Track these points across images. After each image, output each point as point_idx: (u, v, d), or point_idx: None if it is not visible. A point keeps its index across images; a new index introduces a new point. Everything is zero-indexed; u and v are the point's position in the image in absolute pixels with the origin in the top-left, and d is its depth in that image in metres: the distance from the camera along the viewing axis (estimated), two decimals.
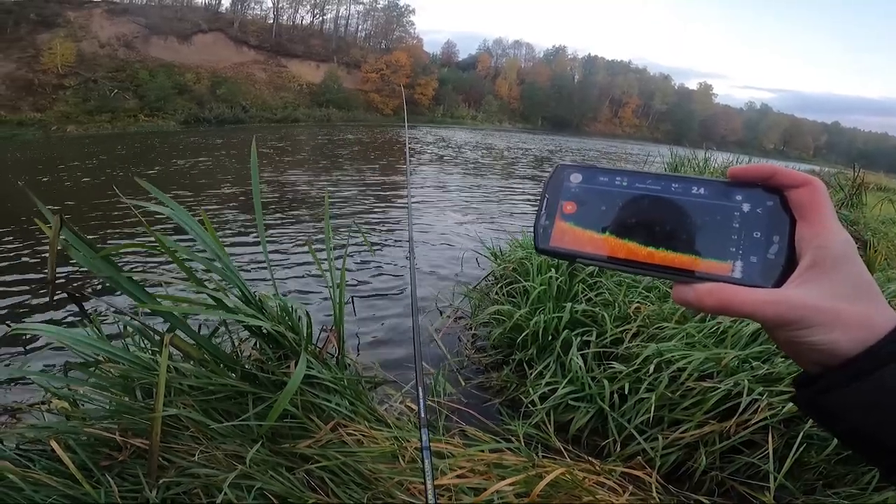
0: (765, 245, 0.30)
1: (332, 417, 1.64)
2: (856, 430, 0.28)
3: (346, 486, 1.40)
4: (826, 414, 0.30)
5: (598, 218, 0.34)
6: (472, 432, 1.80)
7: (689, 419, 1.71)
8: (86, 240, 1.45)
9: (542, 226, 0.35)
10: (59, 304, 3.42)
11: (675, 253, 0.31)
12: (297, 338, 1.67)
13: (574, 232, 0.34)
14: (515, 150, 21.15)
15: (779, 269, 0.29)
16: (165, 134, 24.38)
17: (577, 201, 0.35)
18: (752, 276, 0.29)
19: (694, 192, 0.32)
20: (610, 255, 0.33)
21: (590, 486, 1.41)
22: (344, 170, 11.60)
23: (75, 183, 9.57)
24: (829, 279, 0.28)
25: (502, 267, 3.40)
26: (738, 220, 0.31)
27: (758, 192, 0.31)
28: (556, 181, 0.36)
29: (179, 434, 1.46)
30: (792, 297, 0.28)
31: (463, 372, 2.47)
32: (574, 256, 0.34)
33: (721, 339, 1.97)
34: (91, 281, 3.78)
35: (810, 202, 0.29)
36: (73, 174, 10.61)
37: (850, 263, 0.28)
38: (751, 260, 0.30)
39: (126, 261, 4.24)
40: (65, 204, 6.99)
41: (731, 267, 0.30)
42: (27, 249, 4.93)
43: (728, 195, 0.31)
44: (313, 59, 47.58)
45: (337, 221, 6.12)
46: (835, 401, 0.28)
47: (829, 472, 1.53)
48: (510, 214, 7.22)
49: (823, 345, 0.27)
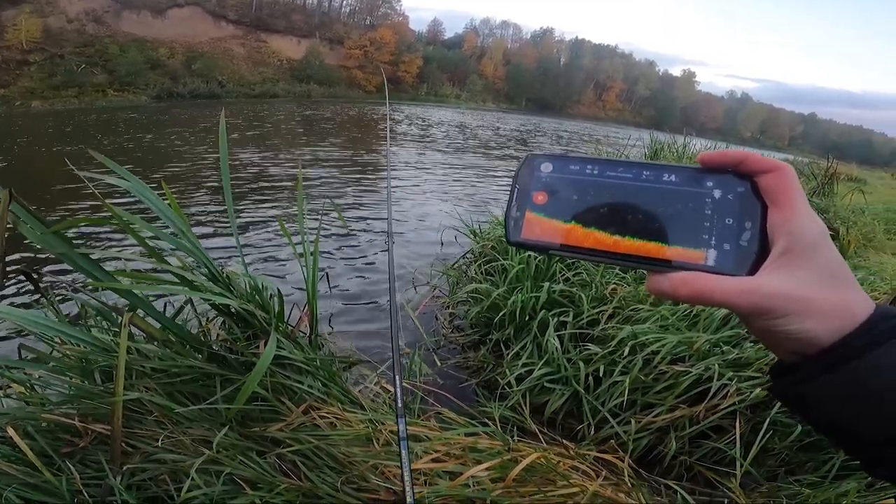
0: (737, 232, 0.29)
1: (304, 400, 1.60)
2: (832, 422, 0.28)
3: (319, 470, 1.38)
4: (802, 405, 0.29)
5: (569, 208, 0.33)
6: (447, 415, 1.79)
7: (660, 403, 1.73)
8: (35, 214, 1.36)
9: (514, 217, 0.34)
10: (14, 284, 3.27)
11: (648, 242, 0.31)
12: (267, 317, 1.62)
13: (546, 223, 0.33)
14: (497, 129, 21.03)
15: (752, 257, 0.29)
16: (135, 108, 23.52)
17: (549, 191, 0.34)
18: (726, 264, 0.29)
19: (665, 180, 0.31)
20: (583, 247, 0.32)
21: (564, 470, 1.41)
22: (321, 147, 11.35)
23: (34, 158, 9.15)
24: (802, 266, 0.27)
25: (481, 245, 3.37)
26: (710, 207, 0.30)
27: (728, 177, 0.30)
28: (527, 171, 0.35)
29: (143, 419, 1.41)
30: (764, 286, 0.27)
31: (440, 352, 2.46)
32: (546, 248, 0.33)
33: (694, 323, 1.99)
34: (49, 260, 3.62)
35: (780, 187, 0.29)
36: (33, 149, 10.14)
37: (823, 249, 0.28)
38: (724, 248, 0.29)
39: (90, 240, 4.07)
40: (22, 180, 6.69)
41: (704, 255, 0.29)
42: None
43: (699, 182, 0.31)
44: (295, 35, 46.21)
45: (313, 199, 5.99)
46: (810, 392, 0.28)
47: (792, 458, 1.56)
48: (490, 193, 7.21)
49: (799, 333, 0.27)
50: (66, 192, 6.13)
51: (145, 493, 1.29)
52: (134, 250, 3.72)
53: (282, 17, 46.24)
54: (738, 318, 0.30)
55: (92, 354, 1.46)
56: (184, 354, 1.48)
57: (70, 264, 1.38)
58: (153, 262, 1.48)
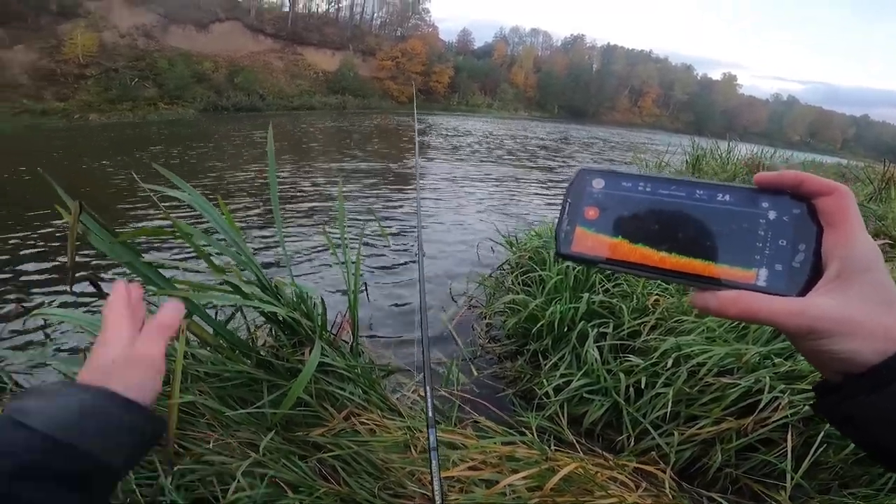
0: (790, 253, 0.29)
1: (345, 406, 1.64)
2: (874, 441, 0.28)
3: (357, 475, 1.40)
4: (845, 423, 0.29)
5: (620, 224, 0.33)
6: (484, 423, 1.79)
7: (706, 415, 1.68)
8: (104, 225, 1.46)
9: (564, 231, 0.35)
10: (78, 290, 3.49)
11: (698, 260, 0.31)
12: (311, 325, 1.67)
13: (595, 238, 0.34)
14: (528, 139, 20.91)
15: (804, 278, 0.29)
16: (184, 122, 24.71)
17: (599, 207, 0.34)
18: (777, 284, 0.29)
19: (719, 199, 0.32)
20: (632, 262, 0.33)
21: (602, 480, 1.39)
22: (358, 158, 11.61)
23: (96, 170, 9.76)
24: (853, 289, 0.27)
25: (518, 255, 3.36)
26: (764, 228, 0.30)
27: (785, 199, 0.30)
28: (579, 186, 0.35)
29: (195, 421, 1.47)
30: (812, 307, 0.28)
31: (476, 362, 2.46)
32: (595, 262, 0.34)
33: (742, 335, 1.92)
34: (110, 267, 3.85)
35: (837, 210, 0.29)
36: (95, 161, 10.81)
37: (876, 273, 0.28)
38: (775, 268, 0.29)
39: (143, 247, 4.30)
40: (84, 190, 7.13)
41: (755, 275, 0.30)
42: (48, 235, 5.04)
43: (754, 202, 0.31)
44: (329, 47, 47.53)
45: (351, 210, 6.13)
46: (853, 411, 0.28)
47: (846, 472, 1.49)
48: (525, 203, 7.15)
49: (843, 354, 0.27)
50: (121, 200, 6.52)
51: (193, 493, 1.33)
52: (184, 255, 3.93)
53: (316, 31, 47.69)
54: (787, 337, 0.30)
55: None
56: (234, 360, 1.54)
57: (134, 272, 1.48)
58: (206, 271, 1.55)
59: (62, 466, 0.35)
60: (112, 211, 6.00)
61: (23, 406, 0.37)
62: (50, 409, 0.37)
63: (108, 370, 0.43)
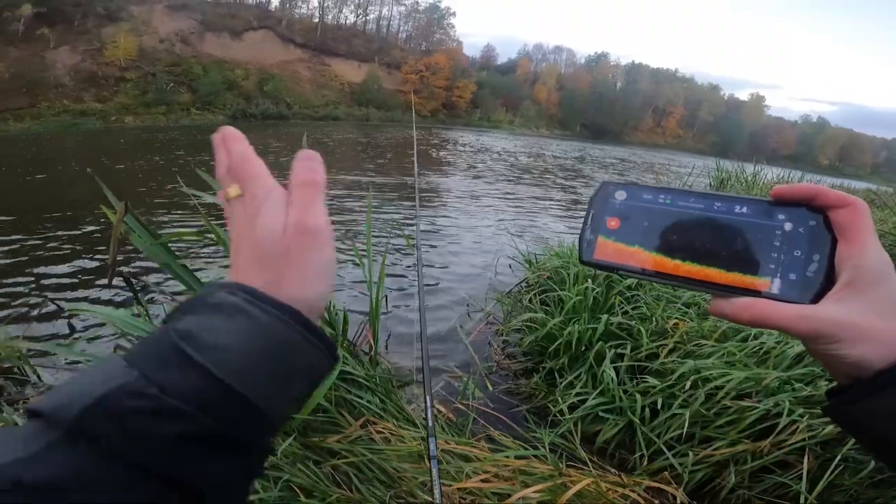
0: (804, 263, 0.31)
1: (362, 414, 1.68)
2: (882, 439, 0.29)
3: (370, 482, 1.42)
4: (854, 424, 0.31)
5: (640, 234, 0.35)
6: (498, 437, 1.80)
7: (721, 437, 1.67)
8: (146, 226, 1.55)
9: (587, 240, 0.37)
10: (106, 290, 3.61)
11: (715, 269, 0.33)
12: (334, 333, 1.72)
13: (617, 247, 0.36)
14: (548, 156, 20.92)
15: (816, 287, 0.30)
16: (215, 127, 25.29)
17: (621, 217, 0.36)
18: (790, 292, 0.31)
19: (737, 211, 0.33)
20: (651, 269, 0.35)
21: (614, 498, 1.39)
22: (381, 170, 11.79)
23: (131, 171, 10.14)
24: (863, 297, 0.29)
25: (537, 274, 3.38)
26: (780, 239, 0.32)
27: (801, 211, 0.32)
28: (602, 197, 0.38)
29: None
30: (821, 313, 0.29)
31: (491, 377, 2.48)
32: (616, 269, 0.36)
33: (763, 360, 1.90)
34: (136, 266, 3.98)
35: (852, 222, 0.30)
36: (131, 162, 11.23)
37: (886, 283, 0.29)
38: (789, 277, 0.31)
39: (178, 247, 4.44)
40: (120, 190, 7.38)
41: (769, 283, 0.31)
42: (79, 234, 5.24)
43: (770, 214, 0.32)
44: (355, 59, 48.62)
45: (374, 220, 6.21)
46: (861, 411, 0.29)
47: (860, 494, 1.46)
48: (543, 222, 7.15)
49: (851, 358, 0.29)
50: (153, 203, 6.75)
51: None
52: (215, 256, 4.04)
53: (344, 42, 48.92)
54: (801, 341, 0.32)
55: None
56: None
57: (171, 273, 1.55)
58: None
59: (233, 431, 0.25)
60: (144, 212, 6.20)
61: (189, 329, 0.26)
62: (224, 339, 0.26)
63: (278, 265, 0.30)
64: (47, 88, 27.31)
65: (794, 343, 1.90)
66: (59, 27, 31.05)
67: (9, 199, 6.96)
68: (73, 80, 29.30)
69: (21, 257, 4.43)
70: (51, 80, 27.97)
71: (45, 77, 27.72)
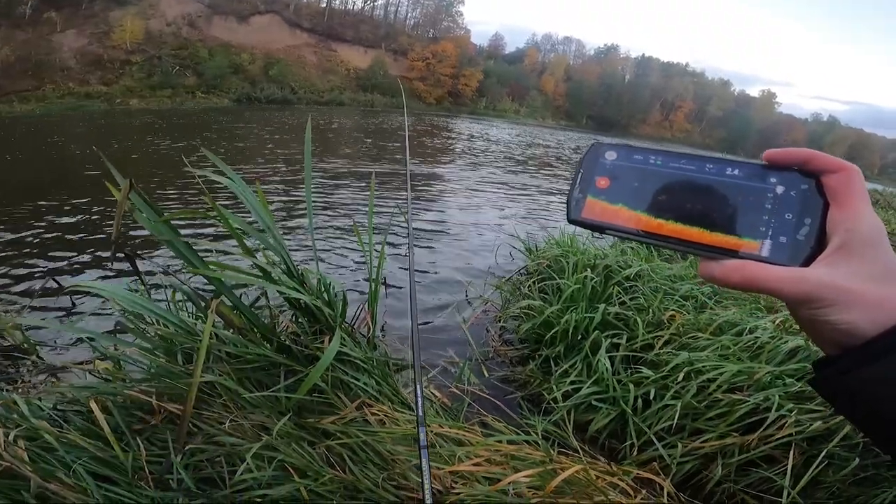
0: (795, 226, 0.30)
1: (358, 396, 1.68)
2: (873, 412, 0.28)
3: (363, 464, 1.43)
4: (843, 396, 0.30)
5: (630, 193, 0.35)
6: (492, 422, 1.83)
7: (711, 430, 1.68)
8: (151, 203, 1.55)
9: (576, 198, 0.37)
10: (106, 268, 3.63)
11: (704, 230, 0.32)
12: (332, 314, 1.73)
13: (605, 206, 0.35)
14: (552, 146, 20.79)
15: (807, 251, 0.30)
16: (220, 110, 25.33)
17: (611, 177, 0.36)
18: (780, 255, 0.30)
19: (728, 173, 0.33)
20: (638, 229, 0.34)
21: (603, 486, 1.41)
22: (384, 156, 11.75)
23: (134, 151, 10.14)
24: (854, 261, 0.28)
25: (536, 262, 3.39)
26: (771, 202, 0.31)
27: (793, 175, 0.31)
28: (592, 157, 0.37)
29: (212, 401, 1.50)
30: (813, 276, 0.28)
31: (488, 363, 2.50)
32: (603, 228, 0.35)
33: (756, 354, 1.91)
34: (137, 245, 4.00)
35: (844, 186, 0.29)
36: (135, 143, 11.23)
37: (879, 247, 0.28)
38: (780, 240, 0.30)
39: (180, 225, 4.45)
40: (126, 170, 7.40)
41: (759, 246, 0.31)
42: (85, 213, 5.26)
43: (763, 177, 0.32)
44: (362, 45, 48.21)
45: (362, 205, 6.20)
46: (851, 382, 0.28)
47: (843, 491, 1.48)
48: (544, 210, 7.14)
49: (841, 324, 0.28)
50: (154, 182, 6.76)
51: (200, 473, 1.34)
52: (214, 234, 4.06)
53: (351, 28, 48.46)
54: (787, 307, 0.31)
55: (178, 336, 1.57)
56: (255, 343, 1.57)
57: (173, 251, 1.56)
58: (235, 252, 1.61)
59: None
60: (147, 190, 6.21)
61: None
62: None
63: None
64: (53, 71, 27.31)
65: (787, 338, 1.91)
66: (67, 10, 30.91)
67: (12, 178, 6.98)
68: (78, 63, 29.26)
69: (23, 234, 4.46)
70: (57, 62, 27.96)
71: (50, 60, 27.71)
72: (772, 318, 2.13)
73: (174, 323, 1.59)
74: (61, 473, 1.20)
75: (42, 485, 1.16)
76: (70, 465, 1.22)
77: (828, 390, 0.31)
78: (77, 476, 1.20)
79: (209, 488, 1.32)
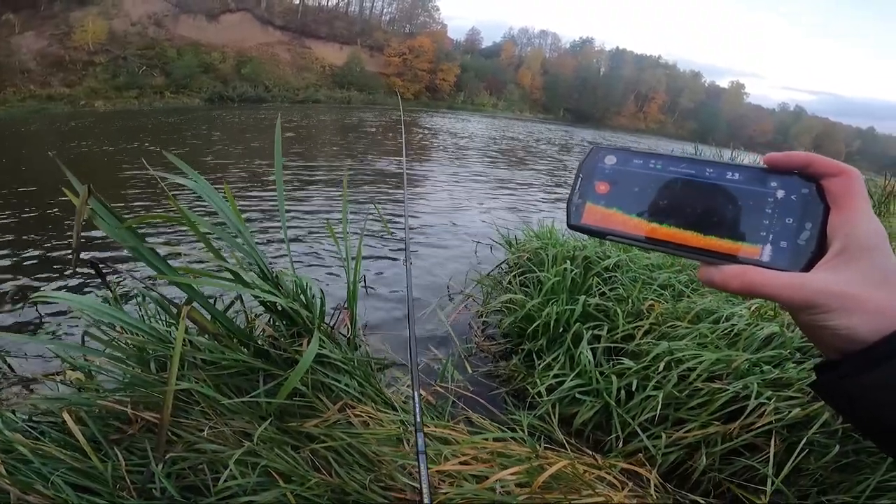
0: (796, 231, 0.30)
1: (340, 398, 1.64)
2: (874, 417, 0.28)
3: (349, 466, 1.41)
4: (844, 400, 0.29)
5: (629, 199, 0.35)
6: (477, 420, 1.82)
7: (693, 419, 1.70)
8: (112, 210, 1.48)
9: (575, 204, 0.36)
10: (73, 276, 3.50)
11: (704, 235, 0.32)
12: (310, 315, 1.69)
13: (604, 211, 0.35)
14: (534, 140, 20.92)
15: (808, 255, 0.29)
16: (189, 110, 24.72)
17: (611, 182, 0.35)
18: (780, 260, 0.30)
19: (728, 177, 0.32)
20: (639, 235, 0.34)
21: (590, 479, 1.41)
22: (359, 154, 11.63)
23: (99, 155, 9.79)
24: (854, 266, 0.28)
25: (516, 256, 3.39)
26: (771, 206, 0.31)
27: (794, 179, 0.31)
28: (591, 162, 0.37)
29: (189, 409, 1.46)
30: (813, 282, 0.28)
31: (471, 360, 2.49)
32: (604, 234, 0.35)
33: (734, 342, 1.94)
34: (107, 253, 3.87)
35: (845, 190, 0.29)
36: (98, 147, 10.84)
37: (880, 252, 0.28)
38: (780, 245, 0.30)
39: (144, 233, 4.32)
40: (88, 175, 7.14)
41: (759, 251, 0.30)
42: (48, 220, 5.06)
43: (763, 181, 0.32)
44: (337, 41, 47.57)
45: (351, 204, 6.14)
46: (851, 388, 0.28)
47: (825, 478, 1.51)
48: (524, 204, 7.17)
49: (842, 330, 0.28)
50: (124, 188, 6.54)
51: (183, 481, 1.32)
52: (186, 241, 3.94)
53: (325, 24, 47.75)
54: (788, 313, 0.31)
55: (149, 344, 1.53)
56: (232, 348, 1.53)
57: (139, 257, 1.49)
58: (209, 258, 1.56)
59: None
60: (114, 196, 6.02)
61: None
62: None
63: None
64: (13, 74, 26.24)
65: (763, 325, 1.94)
66: (25, 12, 29.73)
67: None
68: (39, 66, 28.19)
69: None
70: (16, 65, 26.88)
71: (10, 62, 26.58)
72: (747, 304, 2.17)
73: (144, 331, 1.54)
74: (39, 485, 1.17)
75: (21, 497, 1.14)
76: (47, 477, 1.19)
77: (828, 394, 0.31)
78: (56, 488, 1.18)
79: (194, 496, 1.30)
